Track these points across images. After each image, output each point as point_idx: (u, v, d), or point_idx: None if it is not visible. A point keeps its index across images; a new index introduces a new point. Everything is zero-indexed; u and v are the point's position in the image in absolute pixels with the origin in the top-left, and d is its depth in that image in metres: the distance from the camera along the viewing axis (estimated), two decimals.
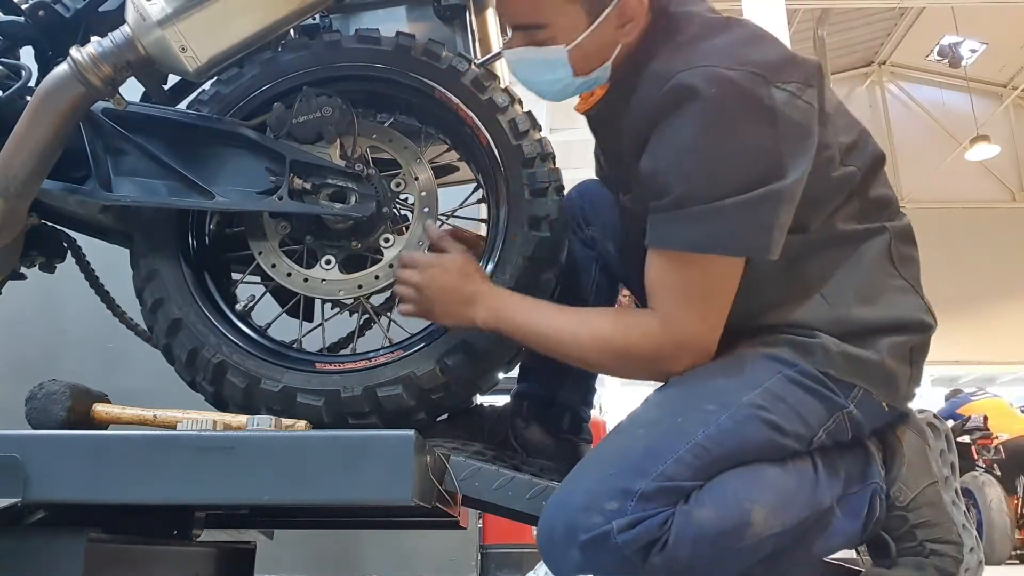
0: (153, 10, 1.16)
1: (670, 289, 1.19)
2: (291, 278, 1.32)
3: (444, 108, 1.36)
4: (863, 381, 1.19)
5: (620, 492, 1.07)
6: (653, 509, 1.06)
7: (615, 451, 1.16)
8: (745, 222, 1.13)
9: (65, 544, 1.11)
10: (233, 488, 1.11)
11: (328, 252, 1.34)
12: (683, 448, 1.10)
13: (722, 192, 1.11)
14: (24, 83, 1.33)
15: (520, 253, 1.30)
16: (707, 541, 1.06)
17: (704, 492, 1.09)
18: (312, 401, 1.24)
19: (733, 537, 1.07)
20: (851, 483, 1.22)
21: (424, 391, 1.26)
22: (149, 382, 1.68)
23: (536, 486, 1.27)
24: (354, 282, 1.33)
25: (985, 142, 12.64)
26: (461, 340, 1.26)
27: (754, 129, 1.12)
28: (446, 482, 1.26)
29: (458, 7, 1.48)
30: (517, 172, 1.33)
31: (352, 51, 1.35)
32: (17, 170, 1.21)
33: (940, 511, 1.22)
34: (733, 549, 1.08)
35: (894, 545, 1.22)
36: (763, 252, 1.14)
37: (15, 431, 1.13)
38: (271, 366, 1.27)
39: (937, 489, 1.23)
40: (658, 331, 1.19)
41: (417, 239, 1.33)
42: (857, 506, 1.21)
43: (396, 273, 1.29)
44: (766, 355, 1.20)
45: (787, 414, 1.15)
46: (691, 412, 1.15)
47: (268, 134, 1.31)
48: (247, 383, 1.26)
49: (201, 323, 1.29)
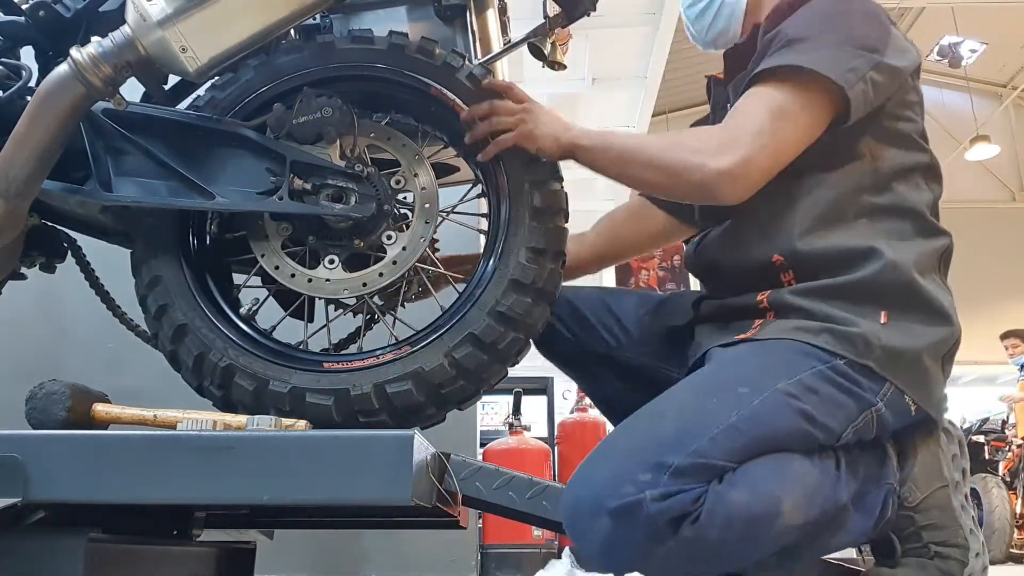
0: (153, 10, 1.16)
1: (744, 109, 1.29)
2: (295, 279, 1.33)
3: (440, 105, 1.36)
4: (899, 379, 1.21)
5: (653, 465, 1.07)
6: (687, 484, 1.07)
7: (643, 430, 1.17)
8: (842, 59, 1.25)
9: (65, 544, 1.11)
10: (233, 488, 1.11)
11: (331, 252, 1.34)
12: (717, 428, 1.11)
13: (829, 39, 1.27)
14: (24, 83, 1.33)
15: (524, 245, 1.30)
16: (738, 523, 1.07)
17: (738, 475, 1.10)
18: (322, 400, 1.24)
19: (762, 524, 1.09)
20: (868, 482, 1.22)
21: (433, 386, 1.26)
22: (149, 382, 1.68)
23: (536, 486, 1.27)
24: (358, 280, 1.33)
25: (985, 142, 12.63)
26: (468, 333, 1.26)
27: (867, 21, 1.31)
28: (446, 482, 1.26)
29: (458, 7, 1.48)
30: (516, 165, 1.33)
31: (346, 51, 1.35)
32: (17, 170, 1.21)
33: (948, 514, 1.22)
34: (760, 536, 1.09)
35: (900, 545, 1.22)
36: (849, 90, 1.23)
37: (15, 431, 1.13)
38: (279, 367, 1.27)
39: (947, 492, 1.24)
40: (716, 129, 1.31)
41: (419, 236, 1.33)
42: (871, 505, 1.22)
43: (493, 107, 1.34)
44: (803, 345, 1.21)
45: (819, 407, 1.17)
46: (724, 394, 1.17)
47: (268, 134, 1.31)
48: (255, 385, 1.26)
49: (207, 327, 1.29)
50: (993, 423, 6.74)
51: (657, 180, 1.33)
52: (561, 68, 1.54)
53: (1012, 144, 14.39)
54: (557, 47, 1.52)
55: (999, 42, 13.09)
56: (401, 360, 1.27)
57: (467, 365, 1.26)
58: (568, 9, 1.41)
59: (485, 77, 1.38)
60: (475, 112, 1.34)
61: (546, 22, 1.44)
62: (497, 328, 1.26)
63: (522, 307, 1.28)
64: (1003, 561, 6.02)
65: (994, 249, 13.69)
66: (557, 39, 1.51)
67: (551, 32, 1.47)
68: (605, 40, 5.72)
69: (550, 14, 1.43)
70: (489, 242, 1.34)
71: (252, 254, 1.35)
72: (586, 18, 1.43)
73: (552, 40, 1.50)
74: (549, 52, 1.51)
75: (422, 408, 1.28)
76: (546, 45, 1.50)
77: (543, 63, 1.53)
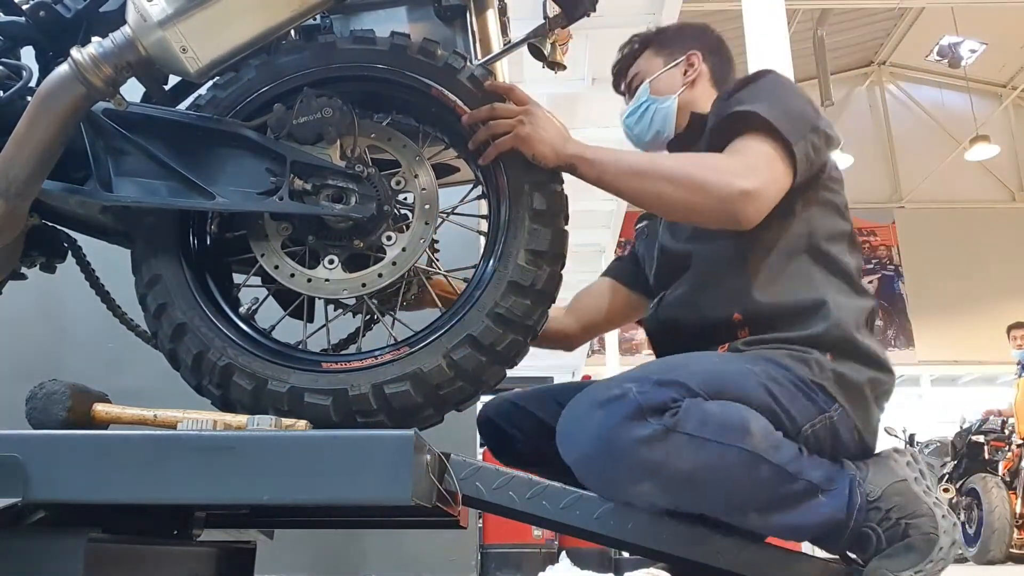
0: (154, 10, 1.16)
1: (743, 148, 1.41)
2: (294, 279, 1.33)
3: (441, 106, 1.36)
4: (847, 401, 1.36)
5: (639, 379, 1.26)
6: (668, 391, 1.24)
7: (625, 374, 1.32)
8: (790, 119, 1.41)
9: (65, 544, 1.11)
10: (233, 488, 1.11)
11: (331, 252, 1.34)
12: (696, 370, 1.29)
13: (777, 105, 1.43)
14: (24, 83, 1.33)
15: (523, 247, 1.30)
16: (712, 425, 1.22)
17: (711, 399, 1.26)
18: (320, 400, 1.24)
19: (733, 434, 1.23)
20: (831, 470, 1.32)
21: (432, 387, 1.26)
22: (149, 382, 1.68)
23: (537, 486, 1.27)
24: (357, 281, 1.33)
25: (985, 142, 12.64)
26: (467, 334, 1.26)
27: (805, 98, 1.50)
28: (446, 482, 1.26)
29: (458, 7, 1.48)
30: (517, 166, 1.33)
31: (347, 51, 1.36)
32: (17, 170, 1.21)
33: (909, 495, 1.29)
34: (732, 444, 1.22)
35: (879, 533, 1.28)
36: (797, 146, 1.39)
37: (15, 431, 1.13)
38: (277, 367, 1.27)
39: (906, 484, 1.31)
40: (730, 155, 1.41)
41: (419, 238, 1.33)
42: (840, 489, 1.29)
43: (494, 110, 1.35)
44: (766, 357, 1.36)
45: (783, 394, 1.31)
46: (700, 358, 1.37)
47: (268, 135, 1.31)
48: (254, 384, 1.26)
49: (206, 327, 1.29)
50: (993, 423, 6.75)
51: (678, 195, 1.37)
52: (561, 68, 1.54)
53: (1012, 144, 14.40)
54: (557, 47, 1.52)
55: (999, 42, 13.10)
56: (400, 361, 1.27)
57: (465, 366, 1.27)
58: (568, 10, 1.41)
59: (486, 78, 1.38)
60: (476, 116, 1.35)
61: (546, 22, 1.44)
62: (496, 330, 1.26)
63: (521, 309, 1.28)
64: (1003, 561, 6.02)
65: (994, 249, 13.70)
66: (557, 39, 1.51)
67: (551, 32, 1.47)
68: (605, 40, 5.71)
69: (550, 14, 1.43)
70: (489, 244, 1.34)
71: (252, 253, 1.35)
72: (586, 18, 1.43)
73: (552, 40, 1.50)
74: (549, 52, 1.51)
75: (420, 409, 1.28)
76: (546, 45, 1.50)
77: (543, 63, 1.53)
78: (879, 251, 14.03)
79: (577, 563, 4.30)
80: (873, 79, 14.79)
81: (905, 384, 14.53)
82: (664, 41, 1.73)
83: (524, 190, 1.32)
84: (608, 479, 1.26)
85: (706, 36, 1.74)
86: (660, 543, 1.29)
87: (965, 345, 13.30)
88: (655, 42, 1.74)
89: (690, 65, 1.69)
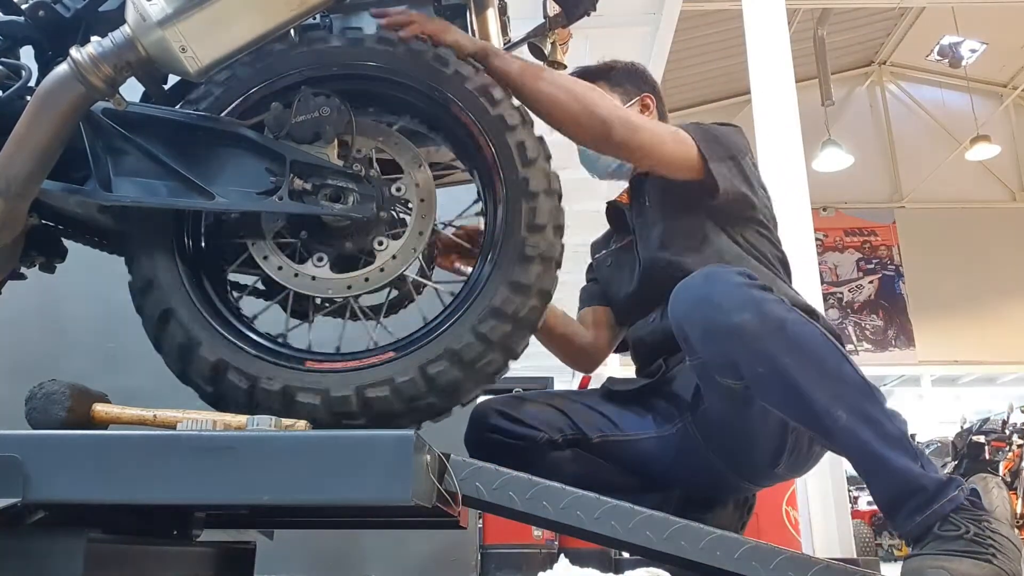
0: (153, 10, 1.16)
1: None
2: (282, 271, 1.32)
3: (439, 107, 1.36)
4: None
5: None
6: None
7: None
8: (713, 139, 1.63)
9: (65, 544, 1.11)
10: (233, 488, 1.11)
11: (321, 250, 1.33)
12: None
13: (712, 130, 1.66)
14: (24, 83, 1.33)
15: (519, 252, 1.29)
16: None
17: None
18: (308, 400, 1.24)
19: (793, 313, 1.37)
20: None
21: (409, 396, 1.24)
22: (149, 382, 1.68)
23: (537, 486, 1.27)
24: (343, 282, 1.32)
25: (985, 142, 12.64)
26: (445, 348, 1.25)
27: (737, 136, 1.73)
28: (446, 482, 1.26)
29: (458, 7, 1.48)
30: (514, 170, 1.33)
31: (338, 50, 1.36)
32: (17, 170, 1.21)
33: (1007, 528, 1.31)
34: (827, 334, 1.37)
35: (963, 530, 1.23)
36: (704, 146, 1.60)
37: (15, 431, 1.13)
38: (265, 364, 1.26)
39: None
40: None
41: (411, 247, 1.33)
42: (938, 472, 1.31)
43: (410, 14, 1.39)
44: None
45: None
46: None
47: (266, 134, 1.31)
48: (249, 383, 1.25)
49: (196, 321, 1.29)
50: (993, 423, 6.74)
51: (570, 105, 1.44)
52: (561, 68, 1.54)
53: (1012, 144, 14.40)
54: (557, 47, 1.53)
55: (999, 42, 13.09)
56: (381, 366, 1.25)
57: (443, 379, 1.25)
58: (568, 9, 1.41)
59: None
60: (395, 20, 1.39)
61: (546, 22, 1.44)
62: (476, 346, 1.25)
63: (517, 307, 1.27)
64: None
65: (994, 249, 13.70)
66: (557, 39, 1.52)
67: (551, 32, 1.47)
68: (605, 40, 5.71)
69: (550, 14, 1.43)
70: (485, 247, 1.34)
71: (241, 240, 1.34)
72: (586, 18, 1.44)
73: (552, 40, 1.51)
74: (549, 52, 1.51)
75: (398, 415, 1.25)
76: (546, 45, 1.50)
77: (543, 63, 1.53)
78: (879, 251, 14.02)
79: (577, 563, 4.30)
80: (873, 79, 14.78)
81: (905, 384, 14.54)
82: (617, 79, 1.85)
83: (521, 202, 1.31)
84: (715, 305, 1.35)
85: (650, 79, 1.90)
86: (660, 543, 1.28)
87: (965, 345, 13.29)
88: (608, 80, 1.83)
89: (644, 107, 1.84)
